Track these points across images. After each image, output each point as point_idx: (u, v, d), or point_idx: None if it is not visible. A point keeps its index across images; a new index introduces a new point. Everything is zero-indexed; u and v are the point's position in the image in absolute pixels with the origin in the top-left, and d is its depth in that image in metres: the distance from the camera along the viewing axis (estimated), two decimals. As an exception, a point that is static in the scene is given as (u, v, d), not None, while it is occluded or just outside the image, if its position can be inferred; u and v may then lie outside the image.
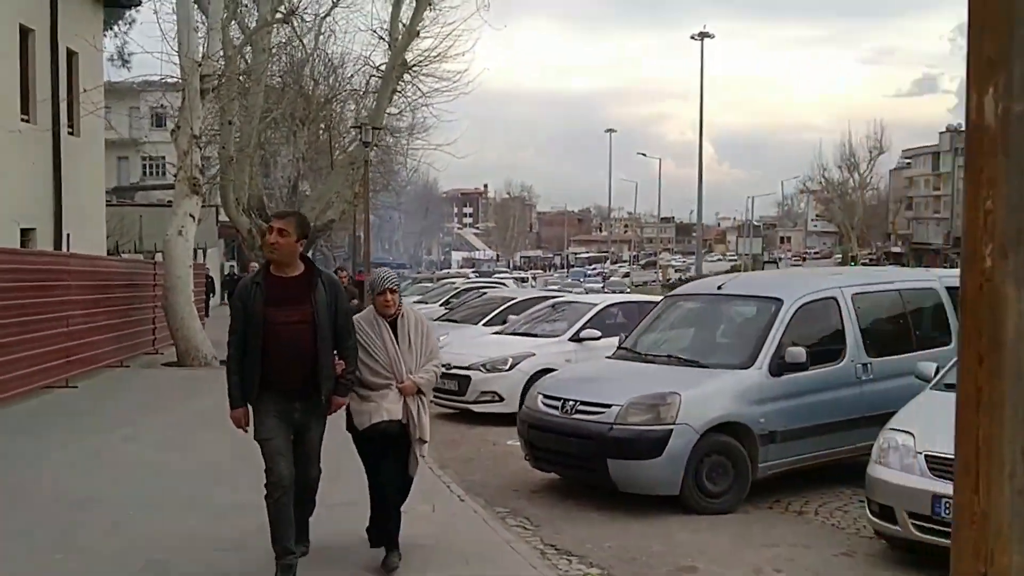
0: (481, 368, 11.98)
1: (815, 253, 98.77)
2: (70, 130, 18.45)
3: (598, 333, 12.29)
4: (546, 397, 8.14)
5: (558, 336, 12.70)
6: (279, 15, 20.38)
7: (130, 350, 16.55)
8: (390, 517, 5.61)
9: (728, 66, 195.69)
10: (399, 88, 24.15)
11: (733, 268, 60.75)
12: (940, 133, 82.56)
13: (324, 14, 23.30)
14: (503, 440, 10.49)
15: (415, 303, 22.67)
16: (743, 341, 8.23)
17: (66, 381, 13.11)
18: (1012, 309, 1.63)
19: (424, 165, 34.84)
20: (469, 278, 45.00)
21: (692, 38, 50.04)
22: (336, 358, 5.27)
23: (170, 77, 18.87)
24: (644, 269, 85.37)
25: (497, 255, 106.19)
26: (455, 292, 25.47)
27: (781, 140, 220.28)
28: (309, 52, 24.43)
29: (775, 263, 71.70)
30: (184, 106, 16.35)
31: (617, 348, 9.14)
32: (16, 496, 7.22)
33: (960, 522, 1.70)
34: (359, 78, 27.18)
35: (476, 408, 11.88)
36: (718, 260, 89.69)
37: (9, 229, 15.58)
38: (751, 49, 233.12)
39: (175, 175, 16.76)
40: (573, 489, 8.14)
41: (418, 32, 22.78)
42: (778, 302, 8.16)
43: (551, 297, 16.58)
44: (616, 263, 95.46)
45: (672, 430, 7.24)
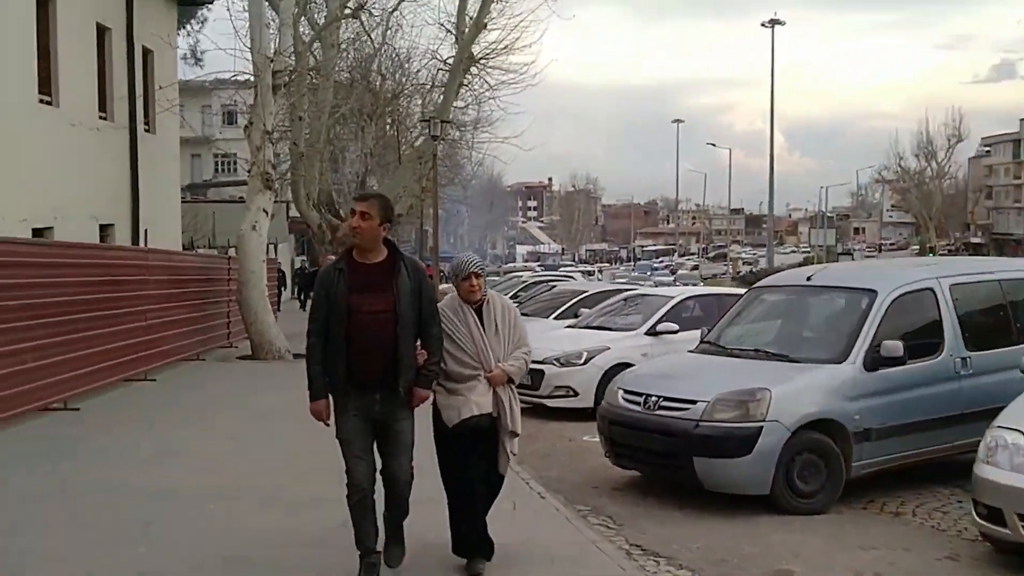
0: (555, 362, 11.77)
1: (891, 244, 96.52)
2: (146, 127, 18.81)
3: (675, 327, 12.00)
4: (627, 392, 7.91)
5: (633, 330, 12.43)
6: (348, 10, 20.46)
7: (206, 344, 16.78)
8: (476, 520, 5.33)
9: (798, 54, 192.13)
10: (466, 81, 24.09)
11: (806, 260, 59.44)
12: (1021, 120, 79.90)
13: (392, 9, 23.44)
14: (579, 436, 10.32)
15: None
16: (835, 334, 7.88)
17: (145, 374, 13.32)
18: None
19: (489, 158, 34.77)
20: (535, 271, 44.90)
21: (763, 25, 49.50)
22: (418, 348, 5.02)
23: (242, 74, 19.09)
24: (713, 262, 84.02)
25: (562, 249, 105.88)
26: (523, 286, 25.26)
27: (852, 129, 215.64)
28: (377, 47, 24.45)
29: (849, 254, 69.92)
30: (257, 102, 16.50)
31: (699, 342, 8.85)
32: (99, 489, 7.28)
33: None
34: (426, 72, 27.28)
35: (550, 403, 11.70)
36: (790, 252, 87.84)
37: (88, 225, 15.91)
38: (821, 36, 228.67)
39: (248, 171, 16.90)
40: (654, 487, 7.91)
41: (485, 24, 22.63)
42: (872, 293, 7.80)
43: (623, 290, 16.30)
44: (684, 256, 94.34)
45: (762, 427, 6.96)
